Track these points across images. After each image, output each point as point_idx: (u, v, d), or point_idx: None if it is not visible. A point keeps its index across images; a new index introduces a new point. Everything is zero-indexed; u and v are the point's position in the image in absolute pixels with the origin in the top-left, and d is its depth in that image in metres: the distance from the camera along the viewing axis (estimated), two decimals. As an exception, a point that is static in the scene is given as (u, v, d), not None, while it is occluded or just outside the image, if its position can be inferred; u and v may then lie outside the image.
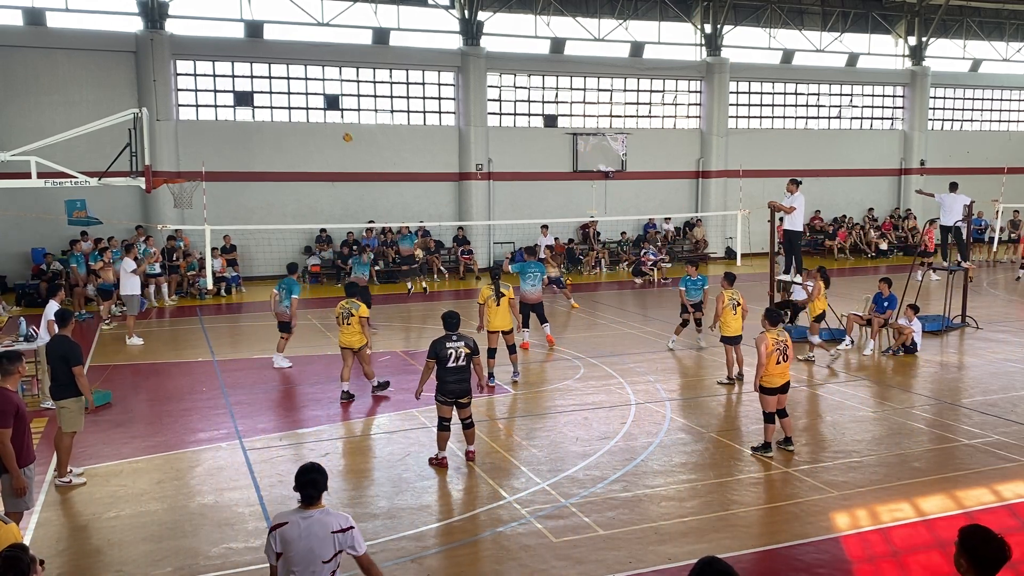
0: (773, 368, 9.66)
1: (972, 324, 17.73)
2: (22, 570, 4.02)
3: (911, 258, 23.61)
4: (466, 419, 9.59)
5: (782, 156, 32.67)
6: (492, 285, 13.47)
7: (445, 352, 9.29)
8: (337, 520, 5.07)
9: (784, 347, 9.69)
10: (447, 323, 9.56)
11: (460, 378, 9.39)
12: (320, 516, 5.04)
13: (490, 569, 7.12)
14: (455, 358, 9.30)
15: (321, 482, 5.10)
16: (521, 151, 29.61)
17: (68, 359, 9.00)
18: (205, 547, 7.60)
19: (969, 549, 3.89)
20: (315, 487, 5.07)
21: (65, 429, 9.11)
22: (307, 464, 5.19)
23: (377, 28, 27.62)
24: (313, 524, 5.00)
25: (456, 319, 9.62)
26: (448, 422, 9.50)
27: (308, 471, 5.11)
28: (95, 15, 25.05)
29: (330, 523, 5.03)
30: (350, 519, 5.15)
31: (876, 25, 34.94)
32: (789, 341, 9.86)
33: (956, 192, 18.04)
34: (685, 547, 7.44)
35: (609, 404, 12.15)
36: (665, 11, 31.48)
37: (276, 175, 26.71)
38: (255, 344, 16.75)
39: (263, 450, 10.22)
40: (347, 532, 5.05)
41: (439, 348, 9.32)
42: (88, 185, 16.38)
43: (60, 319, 9.57)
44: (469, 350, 9.39)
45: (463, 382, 9.42)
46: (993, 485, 8.88)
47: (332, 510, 5.17)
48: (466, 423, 9.62)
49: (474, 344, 9.50)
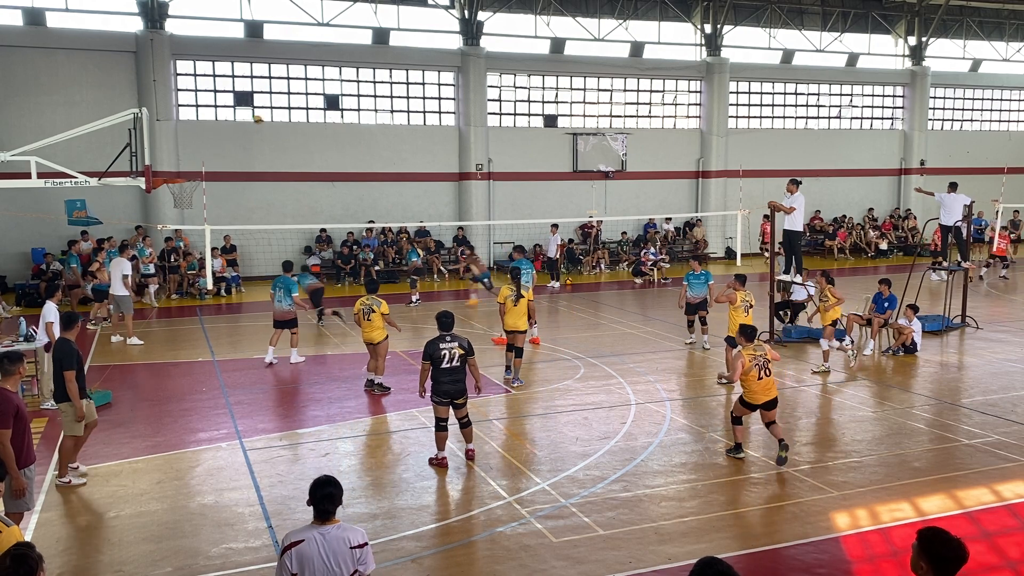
0: (755, 385, 9.40)
1: (972, 324, 17.73)
2: (31, 567, 4.05)
3: (911, 258, 23.60)
4: (463, 419, 9.62)
5: (782, 156, 32.67)
6: (512, 285, 13.57)
7: (439, 353, 9.32)
8: (354, 536, 4.83)
9: (764, 362, 9.40)
10: (441, 324, 9.57)
11: (455, 379, 9.39)
12: (338, 532, 4.79)
13: (490, 569, 7.12)
14: (449, 359, 9.32)
15: (338, 496, 4.86)
16: (521, 151, 29.61)
17: (62, 362, 8.93)
18: (205, 547, 7.60)
19: (930, 552, 3.95)
20: (332, 502, 4.82)
21: (66, 433, 9.12)
22: (323, 478, 4.92)
23: (377, 28, 27.62)
24: (332, 540, 4.74)
25: (450, 319, 9.60)
26: (445, 422, 9.53)
27: (324, 484, 4.84)
28: (95, 15, 25.06)
29: (348, 538, 4.79)
30: (364, 534, 4.91)
31: (876, 25, 34.94)
32: (769, 354, 9.56)
33: (956, 192, 18.03)
34: (685, 547, 7.44)
35: (609, 404, 12.16)
36: (665, 11, 31.48)
37: (276, 175, 26.72)
38: (255, 344, 16.74)
39: (263, 450, 10.22)
40: (363, 548, 4.81)
41: (432, 349, 9.35)
42: (88, 185, 16.37)
43: (66, 322, 9.42)
44: (463, 351, 9.39)
45: (458, 383, 9.42)
46: (993, 485, 8.88)
47: (347, 524, 4.94)
48: (463, 422, 9.65)
49: (468, 344, 9.49)
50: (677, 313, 17.33)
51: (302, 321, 16.34)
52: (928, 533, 4.04)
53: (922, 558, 3.98)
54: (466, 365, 9.49)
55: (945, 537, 3.98)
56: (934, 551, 3.96)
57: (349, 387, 13.25)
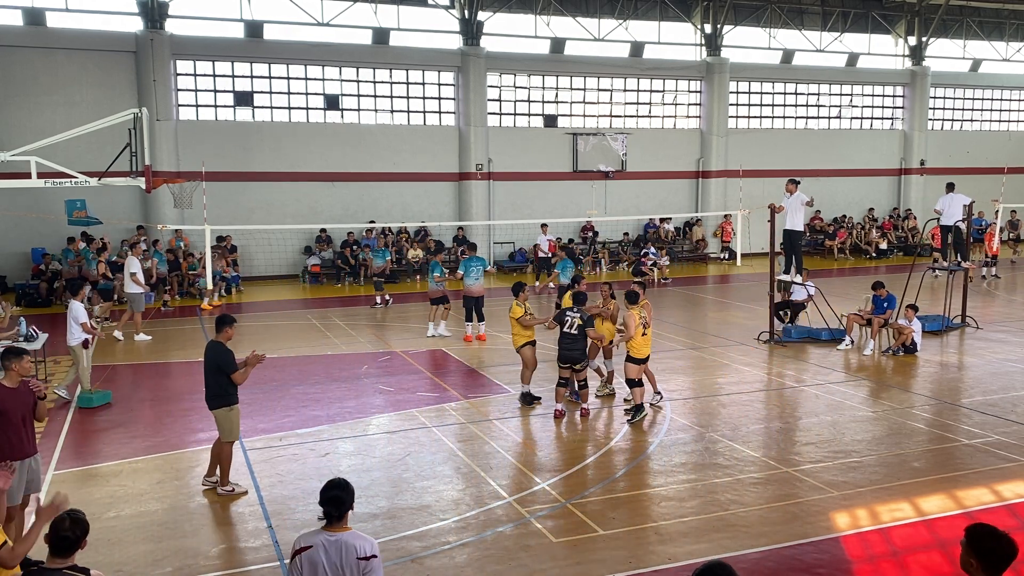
0: (641, 340, 11.08)
1: (972, 324, 17.73)
2: (85, 528, 4.65)
3: (911, 258, 23.62)
4: (581, 381, 11.44)
5: (782, 156, 32.68)
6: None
7: (564, 318, 11.23)
8: (364, 546, 4.64)
9: (645, 321, 11.16)
10: (576, 299, 11.50)
11: (572, 345, 11.16)
12: (348, 539, 4.63)
13: (490, 569, 7.11)
14: (570, 325, 11.12)
15: (346, 500, 4.69)
16: (521, 151, 29.62)
17: (220, 366, 8.58)
18: (205, 547, 7.60)
19: (980, 549, 3.89)
20: (337, 506, 4.65)
21: (223, 439, 8.80)
22: (333, 480, 4.77)
23: (377, 28, 27.62)
24: (340, 548, 4.59)
25: (584, 297, 11.60)
26: (566, 380, 11.37)
27: (331, 488, 4.69)
28: (95, 15, 25.06)
29: (357, 548, 4.61)
30: (376, 546, 4.71)
31: (876, 25, 34.94)
32: (648, 311, 11.32)
33: (953, 192, 18.03)
34: (685, 547, 7.44)
35: (609, 404, 12.16)
36: (665, 11, 31.48)
37: (276, 175, 26.72)
38: (255, 344, 16.72)
39: (263, 450, 10.22)
40: (370, 561, 4.61)
41: (560, 316, 11.36)
42: (88, 185, 16.39)
43: (219, 324, 8.86)
44: (582, 322, 11.14)
45: (575, 349, 11.18)
46: (993, 485, 8.88)
47: (360, 532, 4.77)
48: (580, 384, 11.46)
49: (588, 318, 11.26)
50: (677, 313, 17.34)
51: (303, 321, 16.32)
52: (978, 529, 3.96)
53: (972, 555, 3.91)
54: (585, 334, 11.18)
55: (995, 533, 3.92)
56: (985, 547, 3.88)
57: (349, 387, 13.25)
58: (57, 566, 4.51)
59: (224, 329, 8.83)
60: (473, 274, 16.65)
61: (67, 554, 4.56)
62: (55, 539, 4.54)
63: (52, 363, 14.94)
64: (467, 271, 16.77)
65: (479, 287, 16.74)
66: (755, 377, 13.83)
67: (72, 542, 4.56)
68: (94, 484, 9.16)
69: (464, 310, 16.99)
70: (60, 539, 4.53)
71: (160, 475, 9.45)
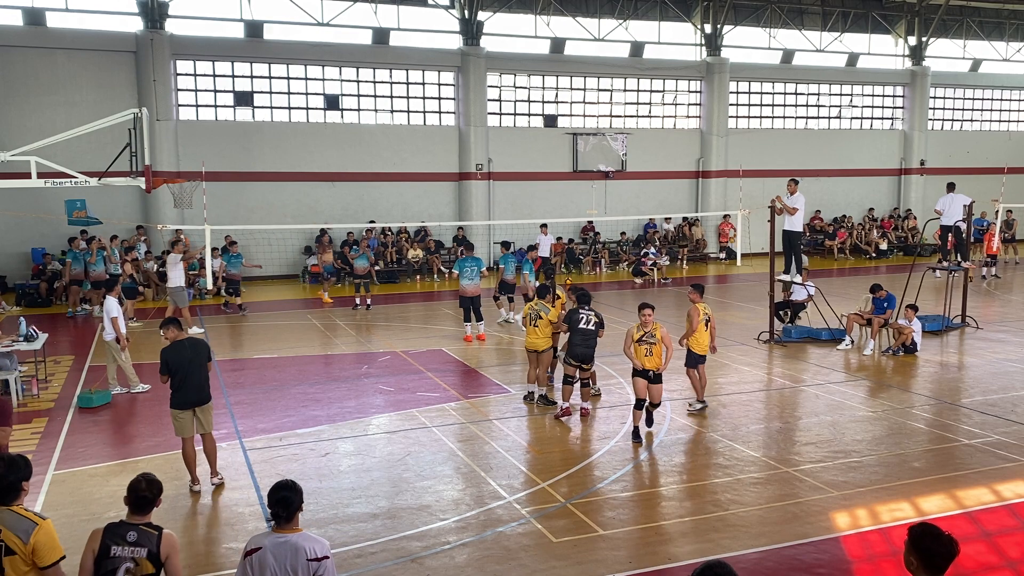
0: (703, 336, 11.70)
1: (972, 324, 17.73)
2: (160, 489, 5.07)
3: (911, 258, 23.61)
4: (584, 379, 11.57)
5: (782, 156, 32.68)
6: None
7: (578, 317, 11.23)
8: (313, 547, 4.59)
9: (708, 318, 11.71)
10: (580, 298, 11.51)
11: (587, 343, 11.24)
12: (297, 540, 4.60)
13: (490, 569, 7.11)
14: (586, 322, 11.21)
15: (294, 501, 4.67)
16: (521, 151, 29.61)
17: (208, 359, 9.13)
18: (205, 547, 7.60)
19: (920, 548, 3.97)
20: (284, 507, 4.65)
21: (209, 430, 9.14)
22: (281, 481, 4.76)
23: (377, 28, 27.62)
24: (289, 549, 4.56)
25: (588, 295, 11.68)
26: (572, 378, 11.38)
27: (279, 488, 4.70)
28: (95, 15, 25.06)
29: (307, 549, 4.57)
30: (327, 547, 4.64)
31: (876, 25, 34.94)
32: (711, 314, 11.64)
33: (954, 192, 18.03)
34: (685, 547, 7.44)
35: (609, 404, 12.16)
36: (665, 11, 31.48)
37: (276, 175, 26.72)
38: (255, 344, 16.77)
39: (263, 450, 10.21)
40: (321, 562, 4.55)
41: (572, 315, 11.31)
42: (88, 185, 16.38)
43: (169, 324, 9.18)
44: (597, 320, 11.29)
45: (588, 347, 11.28)
46: (993, 485, 8.88)
47: (311, 534, 4.72)
48: (583, 382, 11.57)
49: (600, 317, 11.40)
50: (676, 313, 17.33)
51: (303, 321, 16.30)
52: (919, 529, 4.05)
53: (912, 554, 4.01)
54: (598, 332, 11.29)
55: (935, 533, 3.98)
56: (924, 546, 3.97)
57: (349, 387, 13.25)
58: (135, 522, 4.95)
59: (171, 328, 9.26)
60: (467, 274, 16.68)
61: (145, 512, 4.97)
62: (135, 499, 4.95)
63: (52, 363, 14.94)
64: (461, 271, 16.85)
65: (474, 287, 16.75)
66: (755, 377, 13.83)
67: (149, 501, 4.97)
68: (94, 484, 9.16)
69: (461, 311, 17.03)
70: (139, 498, 4.95)
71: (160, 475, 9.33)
